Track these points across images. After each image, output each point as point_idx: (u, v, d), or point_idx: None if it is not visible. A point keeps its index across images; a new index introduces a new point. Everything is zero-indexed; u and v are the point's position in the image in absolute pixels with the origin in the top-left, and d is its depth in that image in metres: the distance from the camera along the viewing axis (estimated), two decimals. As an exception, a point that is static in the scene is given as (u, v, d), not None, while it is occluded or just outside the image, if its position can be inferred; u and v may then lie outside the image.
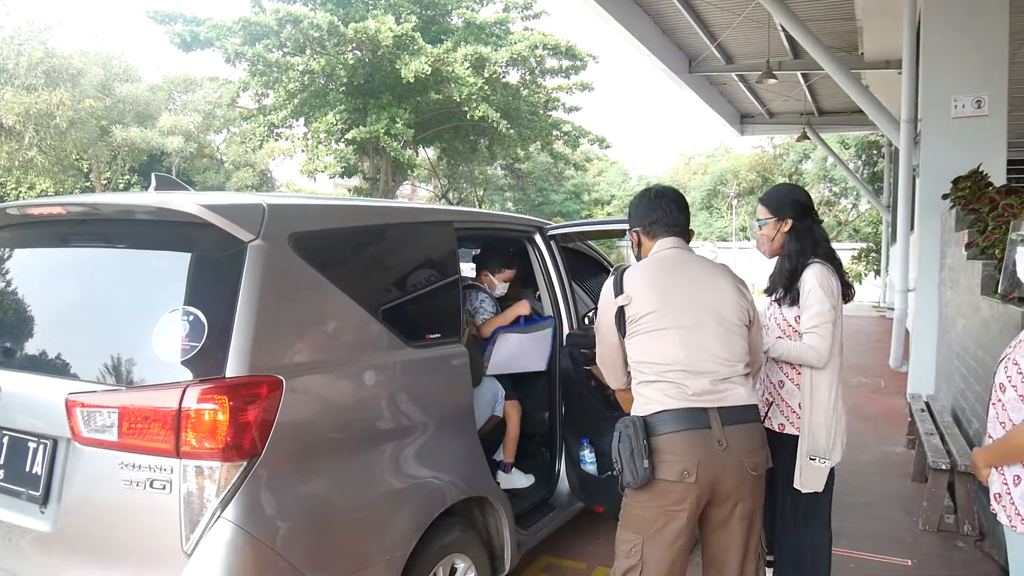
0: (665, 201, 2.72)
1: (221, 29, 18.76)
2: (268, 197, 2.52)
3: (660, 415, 2.45)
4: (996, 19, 6.40)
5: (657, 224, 2.70)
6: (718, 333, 2.52)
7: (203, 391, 2.11)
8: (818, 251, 3.04)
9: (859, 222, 31.54)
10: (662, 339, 2.51)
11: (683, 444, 2.41)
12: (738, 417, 2.47)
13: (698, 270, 2.62)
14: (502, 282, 4.14)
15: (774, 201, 3.12)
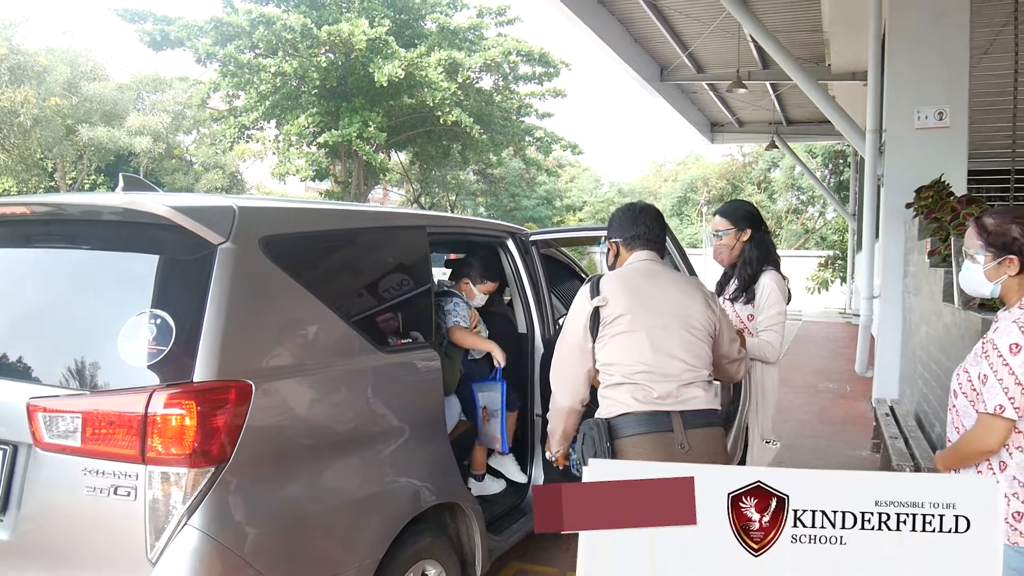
0: (648, 217, 2.85)
1: (192, 29, 18.57)
2: (238, 199, 2.50)
3: (624, 417, 2.53)
4: (958, 34, 6.54)
5: (638, 238, 2.82)
6: (685, 339, 2.61)
7: (170, 396, 2.08)
8: (770, 259, 3.43)
9: (826, 230, 32.00)
10: (633, 340, 2.59)
11: (645, 446, 2.48)
12: (700, 421, 2.54)
13: (670, 281, 2.74)
14: (482, 293, 4.01)
15: (733, 214, 3.48)
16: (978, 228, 2.40)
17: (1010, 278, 2.34)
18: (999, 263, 2.34)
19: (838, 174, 24.89)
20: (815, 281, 20.91)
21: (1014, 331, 2.24)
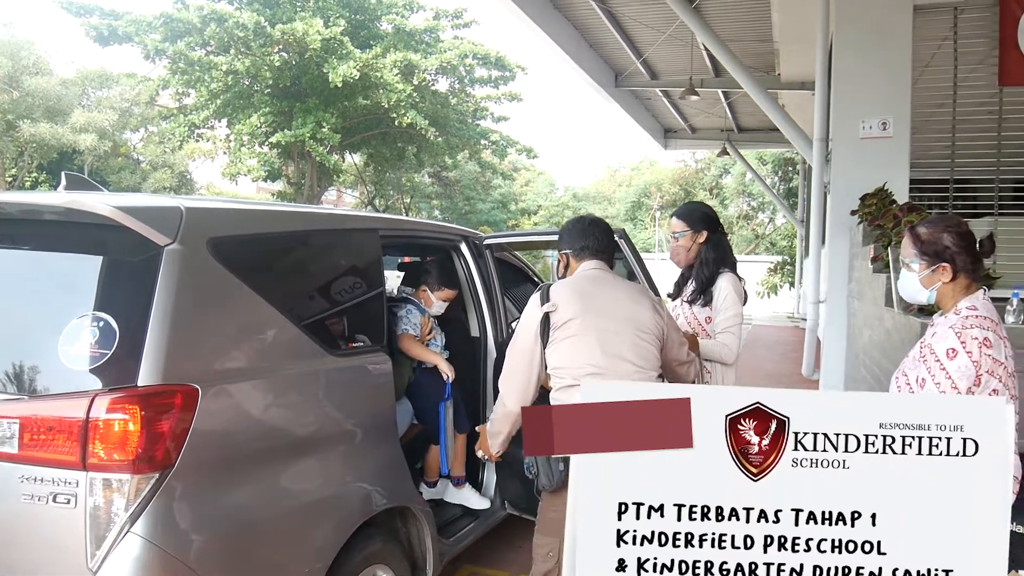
0: (597, 229, 2.94)
1: (141, 24, 18.17)
2: (186, 200, 2.46)
3: None
4: (901, 47, 6.75)
5: (587, 249, 2.90)
6: (634, 342, 2.68)
7: (113, 400, 2.04)
8: (727, 260, 3.45)
9: (775, 235, 32.63)
10: (582, 343, 2.65)
11: None
12: None
13: (618, 287, 2.83)
14: (440, 300, 3.93)
15: (690, 216, 3.49)
16: (912, 237, 2.49)
17: (944, 285, 2.43)
18: (933, 271, 2.43)
19: (787, 181, 25.41)
20: (765, 286, 21.31)
21: (950, 336, 2.32)
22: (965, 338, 2.30)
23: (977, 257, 2.44)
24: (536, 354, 2.72)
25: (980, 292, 2.44)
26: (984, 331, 2.31)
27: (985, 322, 2.34)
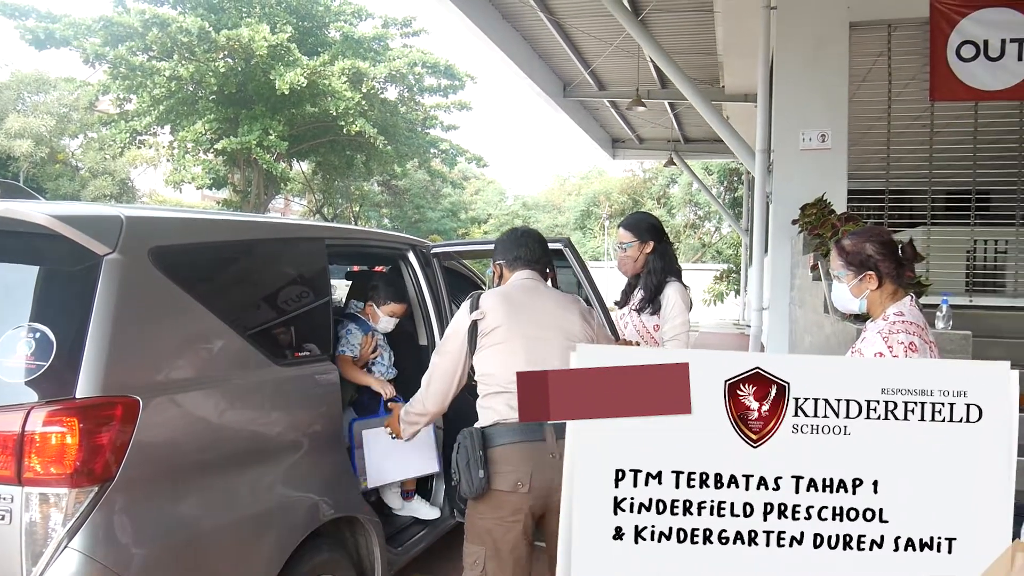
0: (530, 239, 2.96)
1: (79, 27, 17.72)
2: (127, 208, 2.42)
3: (497, 427, 2.59)
4: (838, 63, 6.97)
5: (519, 259, 2.91)
6: (562, 348, 2.65)
7: (50, 413, 1.99)
8: (673, 269, 3.54)
9: (721, 244, 33.26)
10: (508, 350, 2.66)
11: (517, 455, 2.54)
12: None
13: (549, 297, 2.84)
14: (387, 316, 3.83)
15: (637, 226, 3.56)
16: (838, 250, 2.62)
17: (872, 292, 2.55)
18: (860, 280, 2.55)
19: (733, 191, 25.93)
20: (711, 294, 21.68)
21: (878, 341, 2.43)
22: (892, 343, 2.40)
23: (900, 263, 2.56)
24: (462, 361, 2.75)
25: (907, 298, 2.55)
26: (910, 336, 2.41)
27: (911, 327, 2.45)
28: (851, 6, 6.94)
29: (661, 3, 9.70)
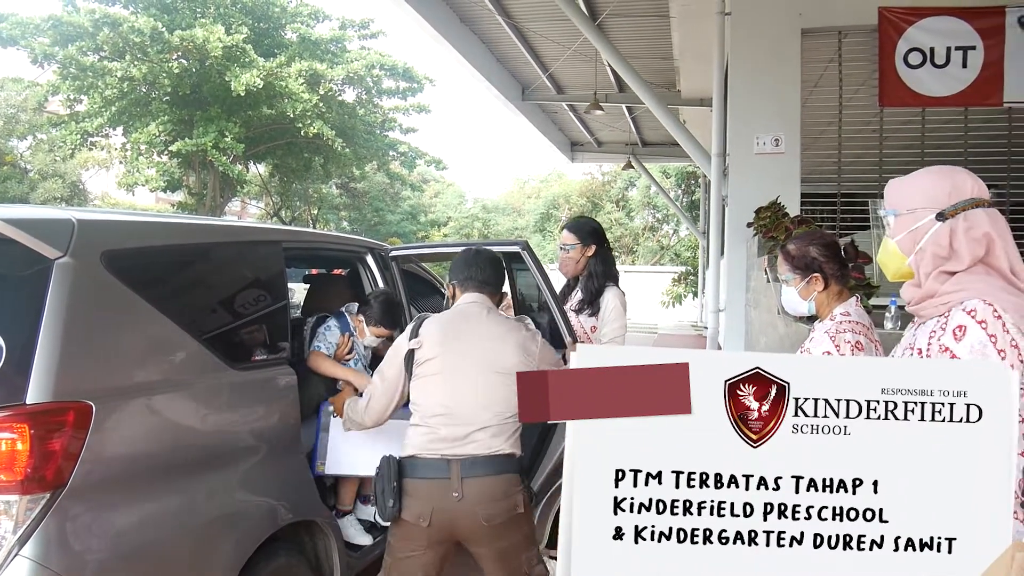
0: (482, 260, 2.97)
1: (27, 27, 17.28)
2: (78, 212, 2.38)
3: (410, 460, 2.68)
4: (791, 69, 7.12)
5: (470, 280, 2.92)
6: (489, 382, 2.71)
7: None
8: (612, 273, 3.71)
9: (679, 247, 33.65)
10: (435, 383, 2.71)
11: (423, 491, 2.63)
12: (480, 470, 2.64)
13: (488, 325, 2.83)
14: (373, 336, 3.77)
15: (580, 230, 3.70)
16: (784, 255, 2.70)
17: (819, 294, 2.63)
18: (807, 282, 2.63)
19: (690, 194, 26.26)
20: (669, 296, 21.92)
21: (825, 340, 2.51)
22: (839, 341, 2.48)
23: (843, 263, 2.64)
24: (399, 386, 2.82)
25: (853, 299, 2.64)
26: (856, 335, 2.50)
27: (857, 327, 2.53)
28: (803, 13, 7.10)
29: (618, 8, 9.81)
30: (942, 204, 1.78)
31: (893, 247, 1.88)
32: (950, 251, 1.77)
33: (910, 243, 1.83)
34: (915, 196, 1.84)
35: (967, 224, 1.76)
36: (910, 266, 1.85)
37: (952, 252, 1.77)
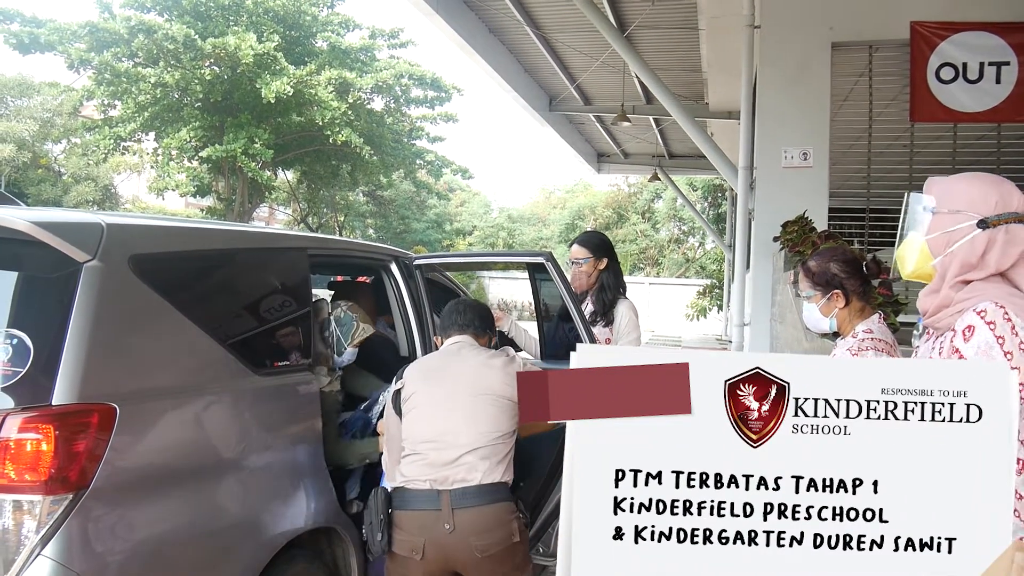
0: (463, 306, 3.05)
1: (64, 33, 17.61)
2: (108, 216, 2.42)
3: (401, 491, 2.69)
4: (820, 82, 7.06)
5: (452, 325, 2.98)
6: (476, 404, 2.72)
7: (25, 420, 1.98)
8: (622, 285, 3.81)
9: (705, 259, 33.45)
10: (418, 416, 2.74)
11: (414, 523, 2.63)
12: (472, 500, 2.63)
13: (473, 354, 2.87)
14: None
15: (592, 244, 3.81)
16: (804, 271, 2.67)
17: (840, 311, 2.60)
18: (828, 299, 2.60)
19: (717, 207, 26.11)
20: (694, 309, 21.78)
21: (847, 358, 2.46)
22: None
23: (865, 280, 2.61)
24: (397, 427, 2.83)
25: (875, 316, 2.61)
26: (879, 352, 2.46)
27: (880, 344, 2.50)
28: (833, 27, 7.05)
29: (646, 20, 9.80)
30: (986, 212, 1.74)
31: (922, 244, 1.83)
32: (980, 260, 1.74)
33: (942, 244, 1.78)
34: (960, 198, 1.78)
35: (1008, 237, 1.73)
36: (934, 267, 1.80)
37: (981, 261, 1.74)
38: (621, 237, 34.57)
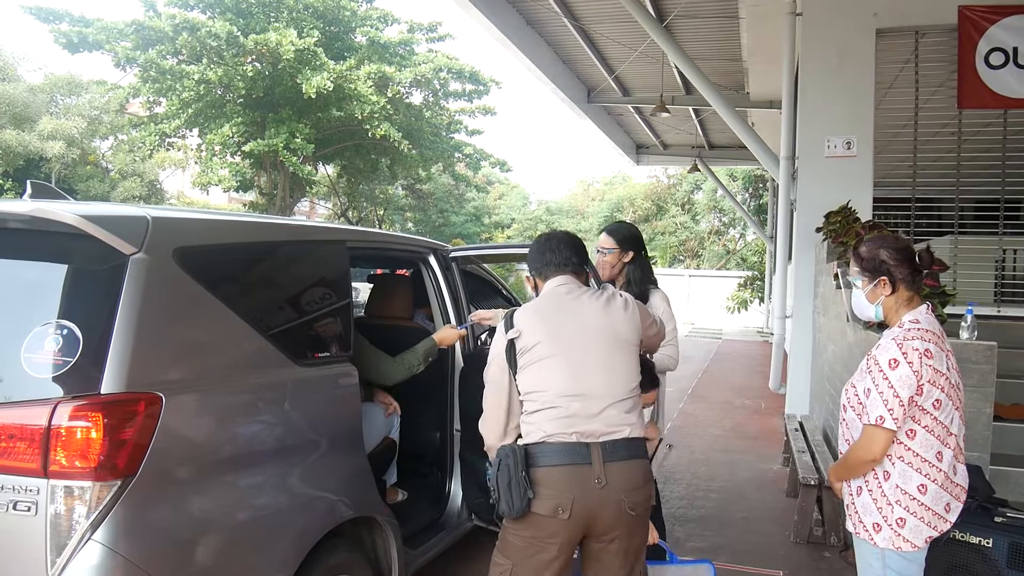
0: (554, 242, 2.79)
1: (111, 31, 18.00)
2: (153, 209, 2.47)
3: (541, 446, 2.46)
4: (864, 69, 6.91)
5: (549, 265, 2.76)
6: (608, 356, 2.55)
7: (76, 408, 2.04)
8: (651, 279, 3.78)
9: (746, 251, 32.99)
10: (551, 366, 2.52)
11: (561, 479, 2.41)
12: (622, 453, 2.46)
13: (587, 299, 2.66)
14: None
15: (620, 235, 3.77)
16: (855, 256, 2.63)
17: (887, 298, 2.56)
18: (875, 285, 2.57)
19: (758, 197, 25.72)
20: (735, 301, 21.51)
21: (892, 347, 2.43)
22: (906, 349, 2.41)
23: (916, 269, 2.56)
24: (505, 384, 2.60)
25: (923, 306, 2.55)
26: (925, 343, 2.41)
27: (927, 334, 2.45)
28: (878, 13, 6.89)
29: (686, 9, 9.68)
30: None
31: None
32: None
33: None
34: None
35: None
36: None
37: None
38: (660, 229, 34.30)
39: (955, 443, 2.49)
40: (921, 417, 2.44)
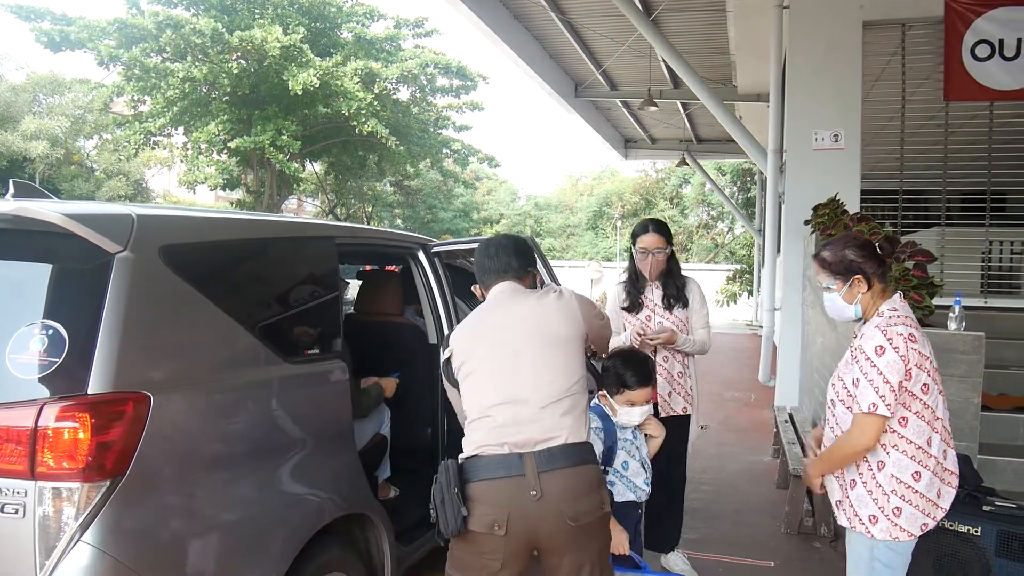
0: (492, 249, 2.72)
1: (94, 30, 17.83)
2: (138, 207, 2.44)
3: (474, 460, 2.40)
4: (851, 62, 6.93)
5: (488, 273, 2.71)
6: (539, 355, 2.48)
7: (62, 409, 2.02)
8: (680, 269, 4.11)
9: (734, 244, 33.11)
10: (478, 378, 2.51)
11: (494, 493, 2.33)
12: (559, 462, 2.35)
13: (523, 303, 2.59)
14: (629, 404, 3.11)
15: (668, 233, 4.03)
16: (820, 263, 2.67)
17: (864, 295, 2.58)
18: (850, 286, 2.61)
19: (746, 191, 25.82)
20: (724, 294, 21.60)
21: (877, 335, 2.46)
22: (891, 335, 2.44)
23: (882, 261, 2.61)
24: (457, 400, 2.64)
25: (897, 295, 2.61)
26: (908, 328, 2.47)
27: (908, 320, 2.50)
28: (864, 5, 6.91)
29: (673, 3, 9.68)
30: None
31: None
32: None
33: None
34: None
35: None
36: None
37: None
38: (649, 223, 34.36)
39: (941, 427, 2.52)
40: (911, 403, 2.47)
